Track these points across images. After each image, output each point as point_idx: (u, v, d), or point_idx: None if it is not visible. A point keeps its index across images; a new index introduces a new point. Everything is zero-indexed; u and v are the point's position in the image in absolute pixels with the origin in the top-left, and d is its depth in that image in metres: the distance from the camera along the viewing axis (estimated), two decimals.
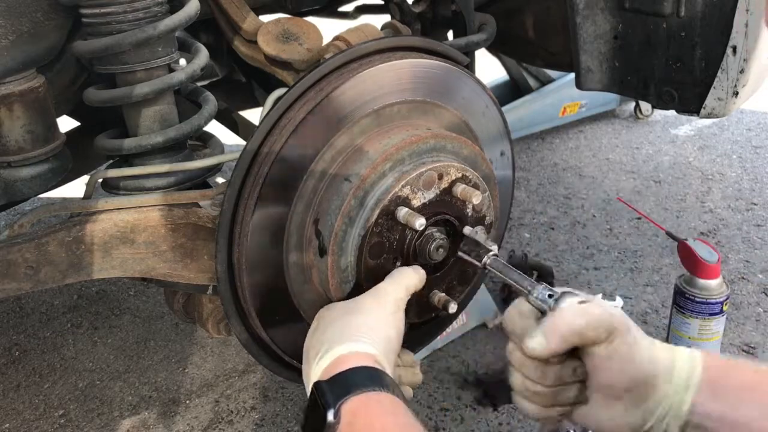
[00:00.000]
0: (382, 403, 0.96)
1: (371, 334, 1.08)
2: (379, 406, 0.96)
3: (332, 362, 1.04)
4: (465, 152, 1.36)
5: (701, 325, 2.17)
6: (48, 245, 1.26)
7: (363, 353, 1.04)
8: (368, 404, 0.96)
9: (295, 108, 1.25)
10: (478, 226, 1.29)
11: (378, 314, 1.13)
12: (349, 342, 1.06)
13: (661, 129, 4.30)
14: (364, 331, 1.08)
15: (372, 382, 0.98)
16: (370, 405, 0.96)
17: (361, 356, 1.03)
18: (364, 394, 0.96)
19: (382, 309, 1.14)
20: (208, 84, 2.15)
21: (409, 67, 1.33)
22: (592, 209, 3.40)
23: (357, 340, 1.07)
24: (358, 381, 0.98)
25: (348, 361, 1.02)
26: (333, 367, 1.03)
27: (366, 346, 1.06)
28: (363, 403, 0.95)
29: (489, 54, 3.48)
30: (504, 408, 2.14)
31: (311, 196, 1.26)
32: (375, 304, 1.16)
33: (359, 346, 1.05)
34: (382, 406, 0.96)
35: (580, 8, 1.81)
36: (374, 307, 1.15)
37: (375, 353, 1.05)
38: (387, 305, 1.15)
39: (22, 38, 1.27)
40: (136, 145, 1.39)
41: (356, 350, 1.05)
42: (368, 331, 1.09)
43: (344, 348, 1.05)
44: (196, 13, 1.38)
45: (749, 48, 1.63)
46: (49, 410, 2.27)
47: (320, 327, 1.16)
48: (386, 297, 1.16)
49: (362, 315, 1.13)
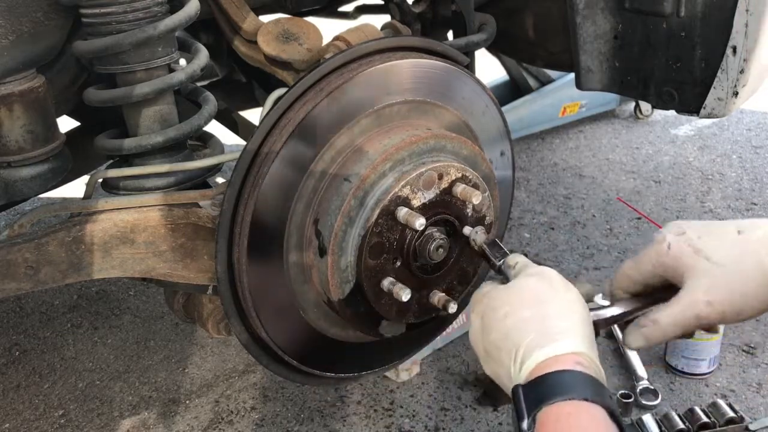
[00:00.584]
0: (578, 417, 0.87)
1: (570, 328, 0.97)
2: (573, 419, 0.87)
3: (535, 367, 0.94)
4: (465, 152, 1.36)
5: None
6: (48, 245, 1.26)
7: (565, 354, 0.93)
8: (559, 418, 0.87)
9: (295, 108, 1.25)
10: (478, 226, 1.29)
11: (561, 301, 1.01)
12: (549, 344, 0.95)
13: (661, 129, 4.30)
14: (562, 328, 0.97)
15: (571, 389, 0.89)
16: (561, 419, 0.87)
17: (565, 358, 0.93)
18: (557, 404, 0.88)
19: (560, 294, 1.02)
20: (208, 84, 2.15)
21: (410, 67, 1.33)
22: (592, 209, 3.40)
23: (554, 339, 0.95)
24: (556, 389, 0.89)
25: (549, 366, 0.92)
26: (535, 370, 0.93)
27: (567, 345, 0.94)
28: (555, 415, 0.87)
29: (489, 54, 3.48)
30: (504, 408, 2.14)
31: (311, 195, 1.26)
32: (548, 288, 1.03)
33: (560, 347, 0.94)
34: (576, 419, 0.87)
35: (580, 8, 1.81)
36: (551, 294, 1.02)
37: (580, 350, 0.94)
38: (560, 289, 1.03)
39: (22, 38, 1.27)
40: (136, 145, 1.39)
41: (557, 353, 0.94)
42: (565, 326, 0.97)
43: (544, 352, 0.94)
44: (196, 13, 1.38)
45: (749, 48, 1.63)
46: (49, 410, 2.27)
47: (494, 325, 1.03)
48: (552, 280, 1.04)
49: (547, 305, 1.00)
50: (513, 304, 1.02)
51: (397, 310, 1.30)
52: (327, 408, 2.19)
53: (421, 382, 2.28)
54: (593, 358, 0.95)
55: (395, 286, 1.24)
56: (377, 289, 1.26)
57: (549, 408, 0.88)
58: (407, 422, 2.12)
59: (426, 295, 1.33)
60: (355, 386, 2.27)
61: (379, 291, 1.26)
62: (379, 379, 2.29)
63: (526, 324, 0.98)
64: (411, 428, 2.10)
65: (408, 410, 2.17)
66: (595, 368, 0.94)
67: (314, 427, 2.12)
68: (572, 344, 0.94)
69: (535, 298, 1.02)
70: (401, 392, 2.24)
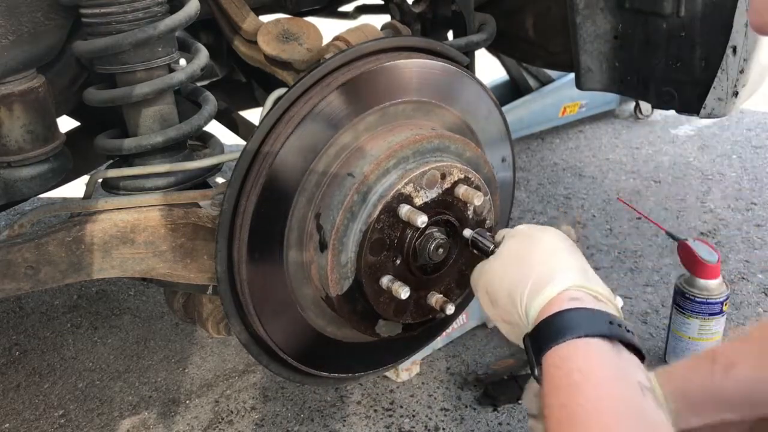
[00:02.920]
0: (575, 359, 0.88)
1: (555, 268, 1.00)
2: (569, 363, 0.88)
3: (537, 316, 0.96)
4: (468, 154, 1.36)
5: (701, 325, 2.17)
6: (48, 245, 1.26)
7: (557, 295, 0.95)
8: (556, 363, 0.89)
9: (301, 102, 1.25)
10: (479, 229, 1.29)
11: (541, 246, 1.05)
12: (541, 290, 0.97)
13: (661, 129, 4.30)
14: (548, 271, 0.99)
15: (565, 331, 0.90)
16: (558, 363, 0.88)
17: (557, 299, 0.95)
18: (554, 349, 0.89)
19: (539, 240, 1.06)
20: (208, 84, 2.15)
21: (416, 68, 1.34)
22: (592, 209, 3.40)
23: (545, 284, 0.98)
24: (552, 333, 0.91)
25: (546, 311, 0.94)
26: (537, 319, 0.95)
27: (557, 285, 0.97)
28: (553, 360, 0.89)
29: (489, 54, 3.48)
30: (504, 408, 2.14)
31: (314, 190, 1.26)
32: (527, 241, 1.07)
33: (550, 290, 0.97)
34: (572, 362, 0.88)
35: (580, 8, 1.82)
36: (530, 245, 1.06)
37: (569, 285, 0.96)
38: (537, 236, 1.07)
39: (22, 38, 1.27)
40: (136, 145, 1.39)
41: (550, 295, 0.96)
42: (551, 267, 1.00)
43: (539, 301, 0.97)
44: (196, 13, 1.39)
45: (749, 48, 1.63)
46: (49, 410, 2.26)
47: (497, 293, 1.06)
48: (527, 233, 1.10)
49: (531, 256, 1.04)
50: (505, 267, 1.07)
51: (395, 309, 1.30)
52: (327, 408, 2.19)
53: (421, 382, 2.28)
54: (587, 284, 0.97)
55: (394, 284, 1.24)
56: (376, 287, 1.26)
57: (549, 354, 0.90)
58: (407, 422, 2.12)
59: (424, 295, 1.33)
60: (355, 386, 2.27)
61: (378, 288, 1.26)
62: (379, 379, 2.29)
63: (519, 280, 1.02)
64: (411, 428, 2.10)
65: (408, 410, 2.17)
66: (592, 294, 0.96)
67: (314, 427, 2.12)
68: (561, 282, 0.97)
69: (518, 255, 1.06)
70: (401, 392, 2.24)
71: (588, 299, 0.94)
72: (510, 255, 1.08)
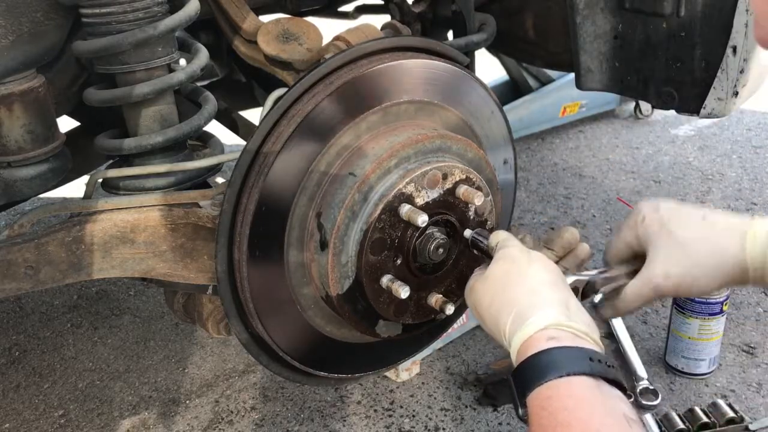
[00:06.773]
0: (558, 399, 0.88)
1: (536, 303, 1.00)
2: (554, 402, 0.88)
3: (517, 353, 0.96)
4: (470, 155, 1.36)
5: (701, 325, 2.17)
6: (48, 245, 1.26)
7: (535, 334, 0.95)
8: (542, 404, 0.88)
9: (303, 100, 1.25)
10: (478, 230, 1.29)
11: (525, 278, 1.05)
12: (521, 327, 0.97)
13: (661, 129, 4.30)
14: (529, 306, 0.99)
15: (546, 371, 0.90)
16: (544, 404, 0.88)
17: (536, 338, 0.95)
18: (537, 390, 0.89)
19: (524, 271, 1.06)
20: (208, 84, 2.15)
21: (419, 68, 1.34)
22: (592, 209, 3.40)
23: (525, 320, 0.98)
24: (535, 374, 0.91)
25: (526, 350, 0.94)
26: (518, 356, 0.95)
27: (536, 323, 0.96)
28: (538, 401, 0.89)
29: (489, 54, 3.48)
30: (504, 408, 2.14)
31: (315, 189, 1.26)
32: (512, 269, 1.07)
33: (529, 328, 0.96)
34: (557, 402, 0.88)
35: (580, 8, 1.81)
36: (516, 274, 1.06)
37: (548, 323, 0.96)
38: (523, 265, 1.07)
39: (22, 38, 1.27)
40: (136, 145, 1.39)
41: (529, 333, 0.96)
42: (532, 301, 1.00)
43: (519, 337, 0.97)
44: (196, 13, 1.39)
45: (749, 48, 1.63)
46: (49, 410, 2.26)
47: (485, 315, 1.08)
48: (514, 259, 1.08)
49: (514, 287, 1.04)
50: (490, 293, 1.08)
51: (395, 309, 1.30)
52: (327, 408, 2.19)
53: (421, 382, 2.28)
54: (566, 322, 0.97)
55: (394, 284, 1.24)
56: (376, 286, 1.26)
57: (533, 395, 0.90)
58: (407, 422, 2.12)
59: (424, 296, 1.33)
60: (355, 386, 2.27)
61: (378, 288, 1.26)
62: (379, 379, 2.29)
63: (502, 309, 1.03)
64: (411, 428, 2.10)
65: (408, 410, 2.17)
66: (571, 332, 0.96)
67: (314, 427, 2.12)
68: (541, 320, 0.97)
69: (503, 283, 1.06)
70: (401, 392, 2.24)
71: (567, 337, 0.94)
72: (495, 281, 1.08)
